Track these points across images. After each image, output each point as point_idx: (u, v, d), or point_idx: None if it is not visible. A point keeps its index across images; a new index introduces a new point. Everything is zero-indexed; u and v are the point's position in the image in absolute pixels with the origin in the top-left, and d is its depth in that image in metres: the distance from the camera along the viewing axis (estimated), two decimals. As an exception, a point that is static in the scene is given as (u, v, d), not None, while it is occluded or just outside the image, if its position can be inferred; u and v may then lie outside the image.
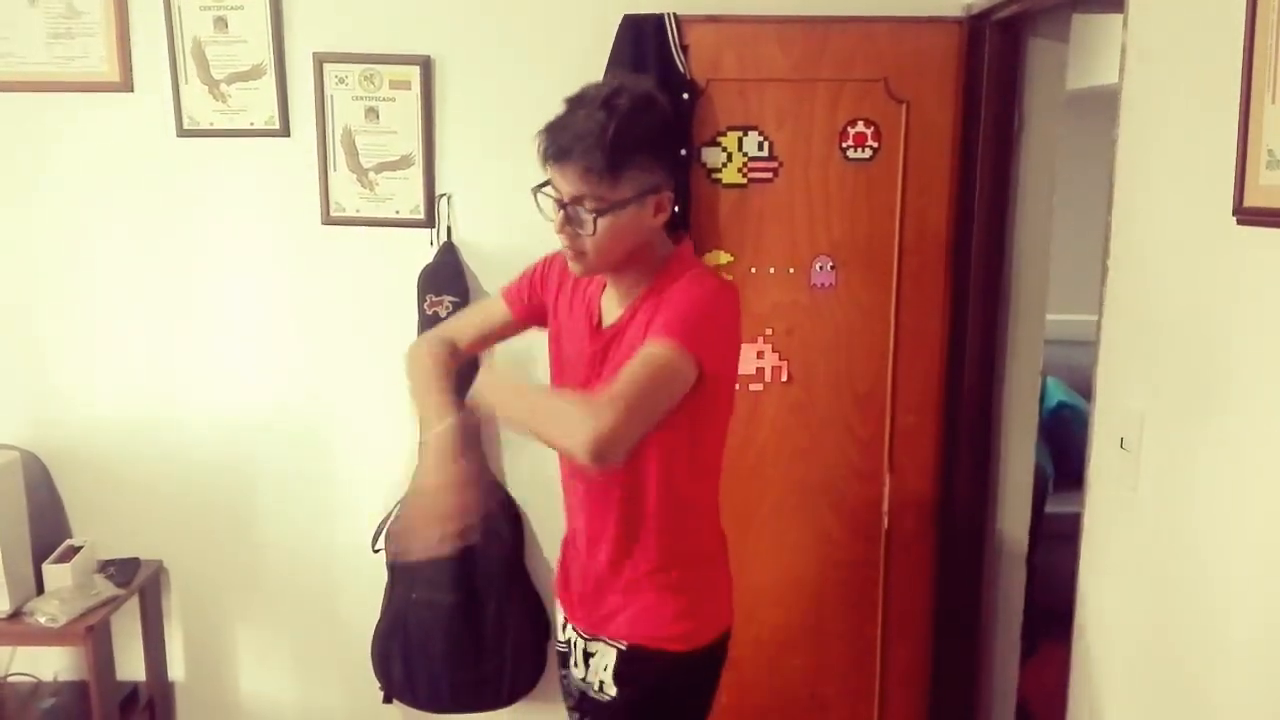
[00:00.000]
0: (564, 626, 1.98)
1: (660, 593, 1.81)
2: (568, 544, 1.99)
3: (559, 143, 1.63)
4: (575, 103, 1.66)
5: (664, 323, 1.64)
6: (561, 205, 1.67)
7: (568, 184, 1.65)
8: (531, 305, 1.96)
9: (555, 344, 1.92)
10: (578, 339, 1.84)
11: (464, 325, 2.03)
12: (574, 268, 1.75)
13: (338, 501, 3.01)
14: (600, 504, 1.82)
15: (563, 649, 2.00)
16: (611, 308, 1.81)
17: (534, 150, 1.69)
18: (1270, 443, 1.48)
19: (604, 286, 1.84)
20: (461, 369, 1.94)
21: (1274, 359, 1.47)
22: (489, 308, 2.04)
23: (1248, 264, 1.53)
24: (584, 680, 1.89)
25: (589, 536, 1.86)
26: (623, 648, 1.81)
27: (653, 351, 1.60)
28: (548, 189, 1.69)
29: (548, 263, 1.95)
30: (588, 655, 1.88)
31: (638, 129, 1.62)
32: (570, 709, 2.01)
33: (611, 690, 1.82)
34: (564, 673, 2.01)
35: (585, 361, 1.81)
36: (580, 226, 1.66)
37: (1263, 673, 1.50)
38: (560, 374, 1.90)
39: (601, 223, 1.64)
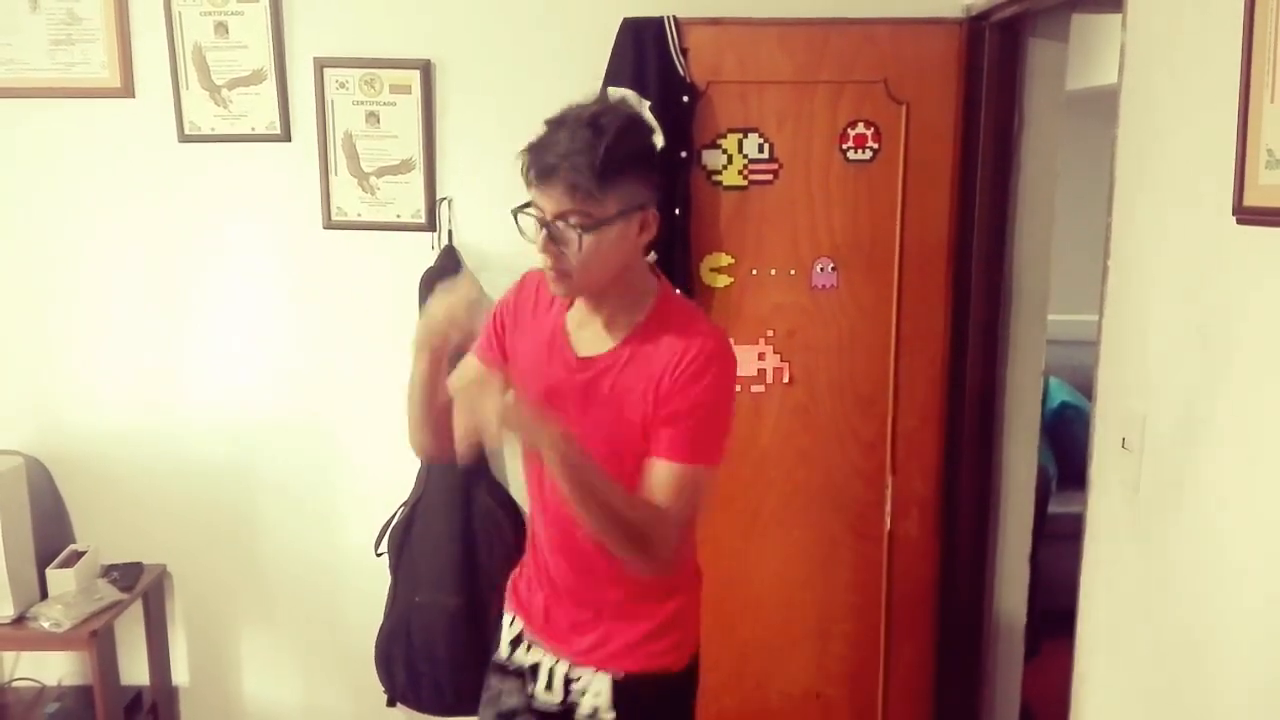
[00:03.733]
0: (525, 649, 1.89)
1: (655, 615, 1.80)
2: (538, 572, 1.88)
3: (544, 161, 1.59)
4: (557, 124, 1.62)
5: (688, 442, 1.65)
6: (544, 224, 1.62)
7: (552, 202, 1.60)
8: (503, 353, 1.88)
9: (520, 380, 1.78)
10: (547, 370, 1.77)
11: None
12: (556, 289, 1.70)
13: (340, 505, 3.02)
14: (587, 543, 1.74)
15: (510, 666, 1.91)
16: (589, 336, 1.75)
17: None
18: (1272, 441, 1.48)
19: (567, 310, 1.78)
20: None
21: (1275, 357, 1.47)
22: (466, 372, 1.87)
23: (1248, 263, 1.53)
24: (560, 704, 1.83)
25: (574, 563, 1.81)
26: (619, 676, 1.78)
27: (693, 474, 1.66)
28: (529, 209, 1.65)
29: (502, 305, 1.91)
30: (568, 680, 1.82)
31: (626, 147, 1.60)
32: (503, 713, 1.90)
33: (609, 717, 1.78)
34: (497, 686, 1.92)
35: (565, 395, 1.73)
36: (565, 244, 1.61)
37: (1266, 673, 1.50)
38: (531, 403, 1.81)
39: (588, 239, 1.60)
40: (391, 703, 2.94)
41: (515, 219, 1.67)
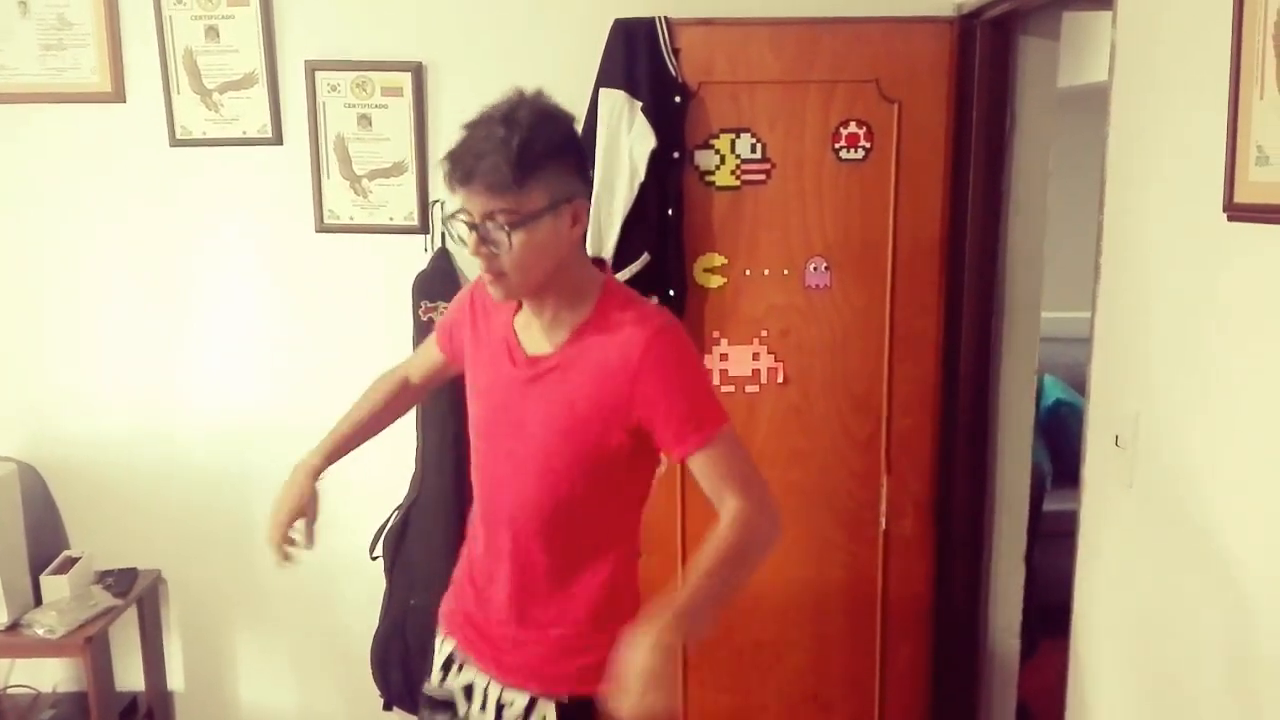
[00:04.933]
0: (457, 670, 1.85)
1: (601, 639, 1.69)
2: (475, 585, 1.84)
3: (462, 165, 1.58)
4: (473, 125, 1.61)
5: (694, 428, 1.64)
6: (473, 226, 1.60)
7: (477, 203, 1.58)
8: (454, 347, 1.91)
9: (470, 379, 1.84)
10: (495, 369, 1.77)
11: (415, 362, 2.08)
12: (494, 292, 1.66)
13: (335, 508, 2.99)
14: (533, 552, 1.74)
15: (442, 695, 1.87)
16: (535, 335, 1.73)
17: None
18: (1263, 437, 1.48)
19: (515, 312, 1.77)
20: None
21: (1266, 353, 1.47)
22: (428, 348, 2.03)
23: (1238, 260, 1.53)
24: None
25: (519, 584, 1.77)
26: (564, 700, 1.73)
27: (722, 443, 1.65)
28: (460, 215, 1.63)
29: (459, 304, 1.91)
30: (500, 705, 1.77)
31: (542, 139, 1.58)
32: None
33: None
34: (422, 711, 1.90)
35: (513, 391, 1.73)
36: (496, 245, 1.59)
37: (1262, 667, 1.50)
38: (483, 408, 1.80)
39: (517, 237, 1.57)
40: (388, 706, 2.93)
41: (446, 228, 1.66)
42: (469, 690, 1.83)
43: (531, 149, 1.55)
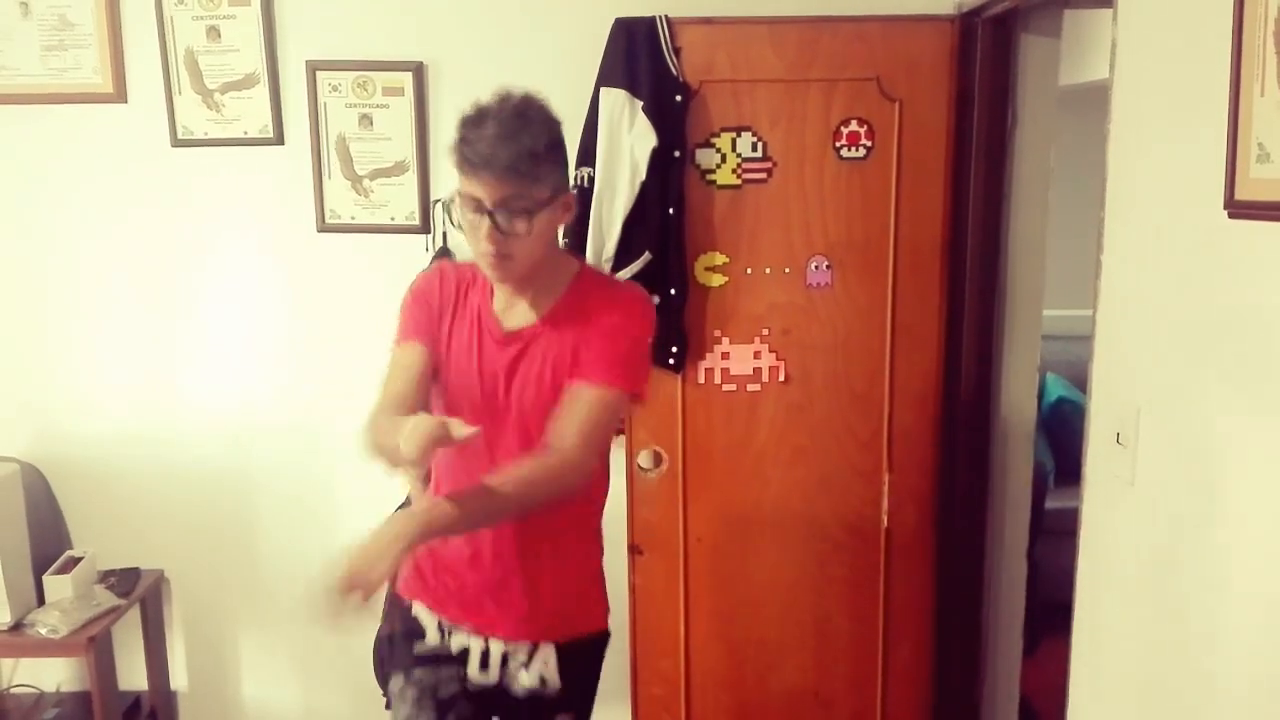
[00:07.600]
0: (448, 635, 1.93)
1: (588, 583, 1.98)
2: (472, 559, 1.89)
3: (480, 151, 1.66)
4: (479, 118, 1.70)
5: (605, 365, 1.78)
6: (487, 211, 1.68)
7: (492, 189, 1.67)
8: (435, 333, 1.88)
9: (453, 369, 1.86)
10: (476, 351, 1.84)
11: (396, 393, 1.83)
12: (497, 273, 1.77)
13: (337, 508, 3.02)
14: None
15: (443, 652, 1.92)
16: (516, 313, 1.84)
17: None
18: (1265, 434, 1.48)
19: (490, 295, 1.86)
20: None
21: (1267, 351, 1.47)
22: (403, 360, 1.87)
23: (1240, 257, 1.53)
24: (495, 683, 1.91)
25: (508, 546, 1.86)
26: (561, 643, 1.91)
27: (601, 396, 1.77)
28: (466, 201, 1.71)
29: (425, 292, 1.91)
30: (505, 657, 1.91)
31: (551, 132, 1.73)
32: (443, 701, 1.90)
33: (557, 683, 1.91)
34: (429, 678, 1.92)
35: (494, 364, 1.82)
36: (509, 230, 1.69)
37: (1262, 665, 1.50)
38: (461, 383, 1.85)
39: (535, 223, 1.70)
40: (390, 705, 2.93)
41: (447, 212, 1.76)
42: (464, 654, 1.93)
43: (545, 140, 1.70)
